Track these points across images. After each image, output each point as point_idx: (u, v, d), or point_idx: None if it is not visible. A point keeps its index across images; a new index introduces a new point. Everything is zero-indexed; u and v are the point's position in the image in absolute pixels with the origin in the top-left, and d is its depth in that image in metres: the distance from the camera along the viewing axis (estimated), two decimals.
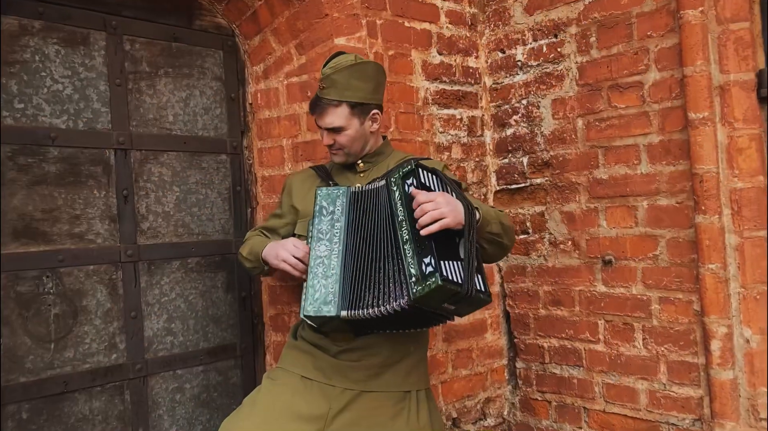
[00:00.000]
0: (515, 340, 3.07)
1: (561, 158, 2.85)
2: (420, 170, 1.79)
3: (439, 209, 1.68)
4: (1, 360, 2.06)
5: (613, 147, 2.68)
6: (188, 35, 2.56)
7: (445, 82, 2.93)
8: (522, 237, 3.01)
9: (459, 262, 1.71)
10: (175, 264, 2.48)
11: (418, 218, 1.69)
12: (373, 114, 2.06)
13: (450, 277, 1.64)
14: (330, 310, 1.78)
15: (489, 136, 3.11)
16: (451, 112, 2.95)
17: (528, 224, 2.99)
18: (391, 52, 2.72)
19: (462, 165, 2.99)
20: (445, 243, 1.70)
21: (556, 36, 2.84)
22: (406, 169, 1.80)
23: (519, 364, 3.06)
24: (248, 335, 2.64)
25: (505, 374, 3.11)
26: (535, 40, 2.92)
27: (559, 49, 2.83)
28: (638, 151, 2.60)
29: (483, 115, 3.10)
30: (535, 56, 2.92)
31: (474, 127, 3.05)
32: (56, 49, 2.23)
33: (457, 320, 2.91)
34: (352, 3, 2.59)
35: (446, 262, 1.67)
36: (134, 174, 2.39)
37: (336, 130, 2.01)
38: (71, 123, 2.25)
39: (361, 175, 2.13)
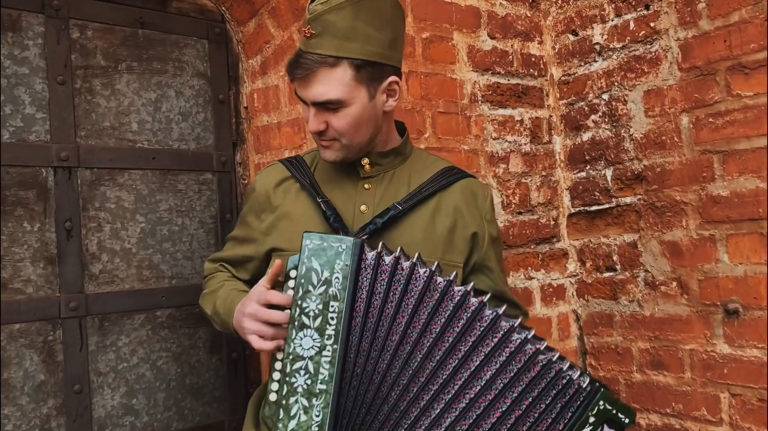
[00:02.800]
0: None
1: (659, 169, 2.11)
2: None
3: None
4: None
5: (736, 151, 1.92)
6: (160, 20, 1.98)
7: (499, 73, 2.25)
8: (607, 275, 2.27)
9: None
10: (139, 319, 1.87)
11: None
12: (390, 83, 1.34)
13: None
14: None
15: (559, 143, 2.40)
16: (507, 112, 2.26)
17: (615, 258, 2.24)
18: (425, 35, 2.06)
19: (523, 181, 2.28)
20: None
21: (647, 7, 2.12)
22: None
23: None
24: (240, 409, 1.99)
25: None
26: (618, 14, 2.20)
27: (652, 24, 2.11)
28: None
29: (550, 116, 2.39)
30: (618, 36, 2.20)
31: (539, 132, 2.35)
32: None
33: None
34: None
35: None
36: (82, 200, 1.80)
37: (330, 107, 1.29)
38: None
39: (366, 185, 1.42)
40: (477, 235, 1.44)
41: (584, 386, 1.20)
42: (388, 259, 1.19)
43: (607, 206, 2.26)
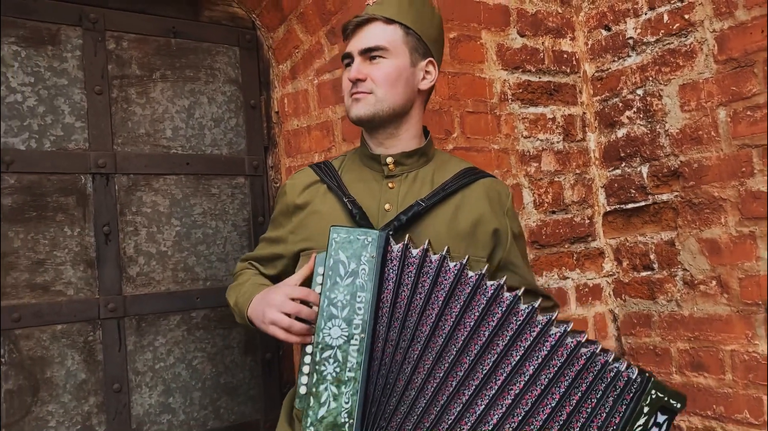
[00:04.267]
0: None
1: (696, 165, 2.05)
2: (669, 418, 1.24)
3: None
4: None
5: None
6: (193, 29, 2.03)
7: (529, 71, 2.22)
8: (645, 274, 2.22)
9: None
10: (174, 320, 1.92)
11: None
12: (428, 62, 1.46)
13: None
14: None
15: (593, 140, 2.36)
16: (539, 110, 2.24)
17: (652, 257, 2.19)
18: (453, 35, 2.06)
19: (557, 179, 2.26)
20: None
21: None
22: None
23: None
24: (275, 409, 2.03)
25: None
26: (651, 8, 2.16)
27: (686, 16, 2.06)
28: None
29: (584, 113, 2.35)
30: (653, 29, 2.15)
31: (572, 129, 2.31)
32: (14, 50, 1.76)
33: None
34: None
35: None
36: (119, 205, 1.87)
37: (373, 55, 1.40)
38: (34, 143, 1.76)
39: (390, 184, 1.45)
40: (499, 231, 1.44)
41: (633, 377, 1.20)
42: (415, 252, 1.22)
43: (643, 204, 2.21)
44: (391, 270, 1.21)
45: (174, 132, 1.98)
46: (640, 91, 2.20)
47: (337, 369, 1.16)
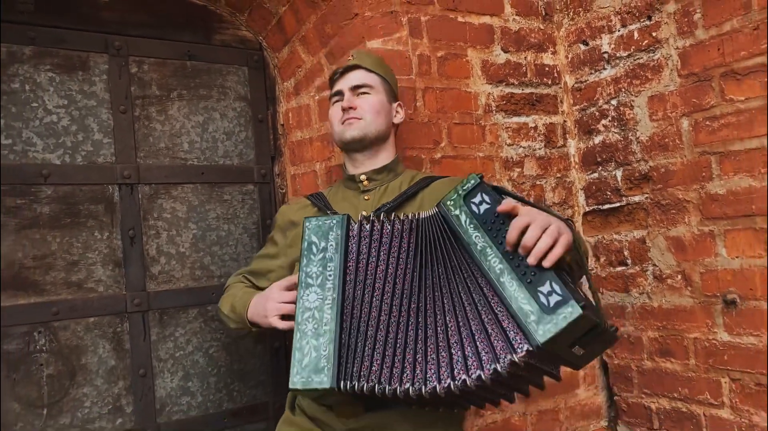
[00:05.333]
0: (615, 398, 2.47)
1: (663, 169, 2.25)
2: (485, 184, 1.37)
3: (551, 225, 1.21)
4: None
5: (731, 152, 2.05)
6: (206, 52, 2.26)
7: (513, 84, 2.43)
8: (619, 269, 2.42)
9: (574, 286, 1.26)
10: (192, 313, 2.16)
11: (514, 242, 1.23)
12: (398, 105, 1.87)
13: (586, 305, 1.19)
14: (322, 380, 1.35)
15: (573, 146, 2.56)
16: (521, 119, 2.45)
17: (626, 253, 2.40)
18: (440, 54, 2.27)
19: (538, 183, 2.46)
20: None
21: (649, 18, 2.26)
22: (469, 185, 1.37)
23: (621, 428, 2.46)
24: (283, 393, 2.26)
25: None
26: (623, 25, 2.35)
27: (654, 34, 2.25)
28: (765, 155, 1.97)
29: (565, 121, 2.56)
30: (624, 45, 2.35)
31: (553, 136, 2.52)
32: (50, 77, 2.00)
33: None
34: None
35: (570, 287, 1.23)
36: (142, 211, 2.10)
37: (361, 91, 1.77)
38: (67, 157, 2.01)
39: (366, 197, 1.74)
40: None
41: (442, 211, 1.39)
42: (367, 226, 1.46)
43: (618, 204, 2.42)
44: (353, 244, 1.44)
45: (190, 145, 2.21)
46: (614, 102, 2.40)
47: (315, 326, 1.38)
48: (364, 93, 1.77)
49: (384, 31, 2.17)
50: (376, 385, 1.31)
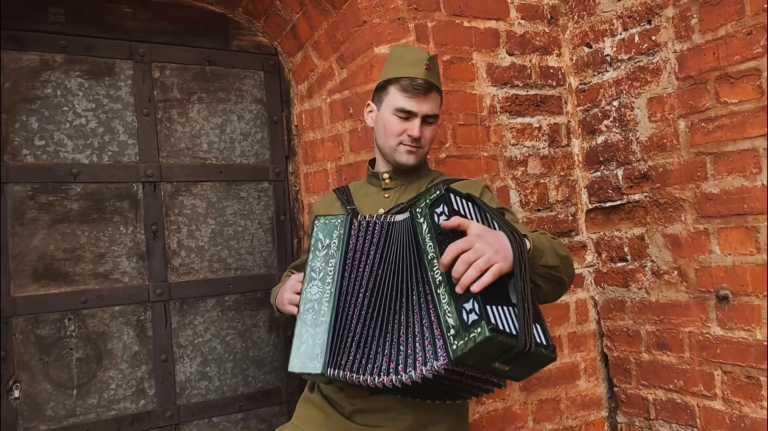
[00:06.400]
0: (615, 389, 2.56)
1: (661, 169, 2.33)
2: (452, 196, 1.43)
3: (484, 255, 1.27)
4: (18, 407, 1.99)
5: (725, 153, 2.13)
6: (224, 57, 2.40)
7: (517, 86, 2.52)
8: (620, 265, 2.51)
9: (511, 308, 1.31)
10: (211, 303, 2.31)
11: (447, 265, 1.31)
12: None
13: (501, 326, 1.25)
14: (316, 367, 1.48)
15: (577, 146, 2.65)
16: (526, 120, 2.54)
17: (626, 250, 2.48)
18: (446, 57, 2.38)
19: (542, 181, 2.56)
20: (489, 284, 1.31)
21: (649, 22, 2.34)
22: (435, 195, 1.44)
23: (620, 418, 2.55)
24: (295, 378, 2.40)
25: (606, 428, 2.60)
26: (625, 29, 2.43)
27: (653, 38, 2.33)
28: (757, 156, 2.04)
29: (569, 121, 2.64)
30: (625, 48, 2.43)
31: (557, 136, 2.61)
32: (79, 82, 2.16)
33: None
34: (397, 6, 2.29)
35: (494, 308, 1.28)
36: (164, 207, 2.25)
37: (430, 121, 1.76)
38: (95, 157, 2.16)
39: (386, 195, 1.82)
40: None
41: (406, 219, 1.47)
42: (364, 223, 1.54)
43: (619, 202, 2.50)
44: (354, 242, 1.54)
45: (209, 145, 2.35)
46: (615, 103, 2.48)
47: (314, 317, 1.50)
48: (431, 123, 1.77)
49: (391, 36, 2.28)
50: (348, 374, 1.44)
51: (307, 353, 1.49)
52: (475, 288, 1.25)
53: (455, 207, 1.41)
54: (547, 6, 2.62)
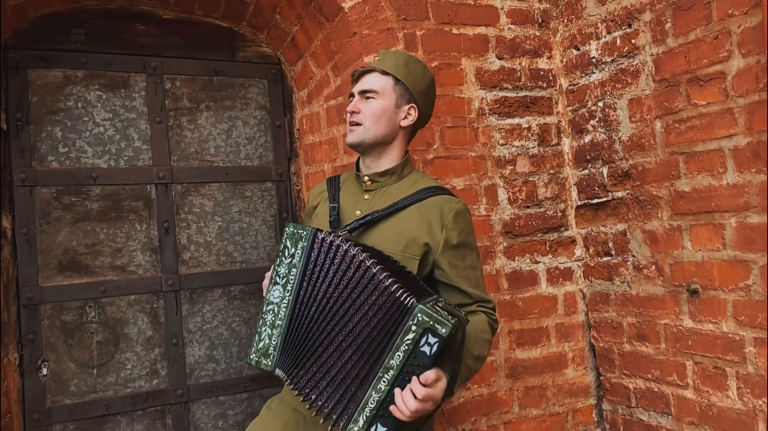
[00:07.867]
0: (601, 378, 2.68)
1: (640, 167, 2.42)
2: (450, 338, 1.54)
3: (427, 409, 1.55)
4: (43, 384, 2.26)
5: (695, 153, 2.21)
6: (230, 68, 2.61)
7: (506, 89, 2.65)
8: (605, 259, 2.61)
9: None
10: (218, 293, 2.53)
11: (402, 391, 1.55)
12: (410, 107, 1.85)
13: None
14: (268, 364, 1.68)
15: (567, 145, 2.76)
16: (515, 121, 2.66)
17: (611, 245, 2.59)
18: (435, 64, 2.52)
19: (531, 179, 2.68)
20: None
21: (629, 26, 2.43)
22: (442, 325, 1.50)
23: (605, 406, 2.66)
24: None
25: (593, 416, 2.72)
26: (608, 32, 2.53)
27: (633, 41, 2.42)
28: (723, 156, 2.12)
29: (560, 121, 2.75)
30: (609, 51, 2.53)
31: (547, 136, 2.72)
32: (98, 95, 2.41)
33: (526, 354, 2.62)
34: (386, 17, 2.45)
35: None
36: (175, 206, 2.49)
37: (367, 96, 1.82)
38: (113, 162, 2.41)
39: (366, 196, 1.90)
40: (428, 244, 1.81)
41: (407, 303, 1.55)
42: (327, 242, 1.66)
43: (605, 199, 2.60)
44: (315, 255, 1.66)
45: (216, 149, 2.57)
46: (600, 104, 2.58)
47: (273, 318, 1.68)
48: (370, 98, 1.81)
49: (381, 46, 2.44)
50: (293, 384, 1.65)
51: (263, 350, 1.67)
52: (396, 414, 1.53)
53: (437, 349, 1.51)
54: (538, 10, 2.73)
